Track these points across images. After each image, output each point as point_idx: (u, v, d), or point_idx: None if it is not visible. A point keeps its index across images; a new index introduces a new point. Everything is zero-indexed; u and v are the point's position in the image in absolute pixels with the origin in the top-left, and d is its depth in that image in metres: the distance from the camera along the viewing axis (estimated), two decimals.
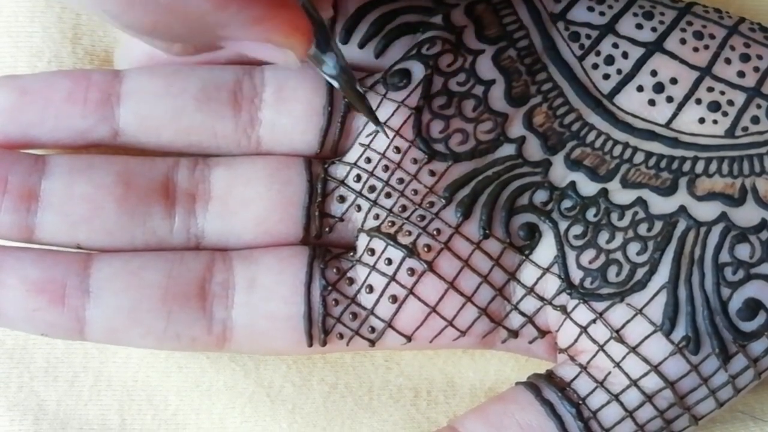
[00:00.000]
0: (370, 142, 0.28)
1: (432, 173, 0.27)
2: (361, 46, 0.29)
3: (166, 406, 0.29)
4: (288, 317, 0.27)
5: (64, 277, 0.26)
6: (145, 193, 0.27)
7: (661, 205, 0.27)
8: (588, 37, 0.29)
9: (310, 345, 0.27)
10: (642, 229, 0.27)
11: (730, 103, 0.28)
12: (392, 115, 0.28)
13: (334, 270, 0.27)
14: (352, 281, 0.27)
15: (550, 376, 0.27)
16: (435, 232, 0.27)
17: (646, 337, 0.26)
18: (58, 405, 0.29)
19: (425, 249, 0.27)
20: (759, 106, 0.28)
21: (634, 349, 0.26)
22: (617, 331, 0.26)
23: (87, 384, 0.29)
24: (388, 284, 0.27)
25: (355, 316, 0.27)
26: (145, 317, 0.26)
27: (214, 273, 0.27)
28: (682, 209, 0.27)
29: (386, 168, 0.27)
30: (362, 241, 0.27)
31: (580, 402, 0.26)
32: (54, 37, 0.30)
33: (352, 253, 0.28)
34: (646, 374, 0.26)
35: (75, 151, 0.28)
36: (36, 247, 0.27)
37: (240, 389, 0.29)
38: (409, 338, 0.27)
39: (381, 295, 0.27)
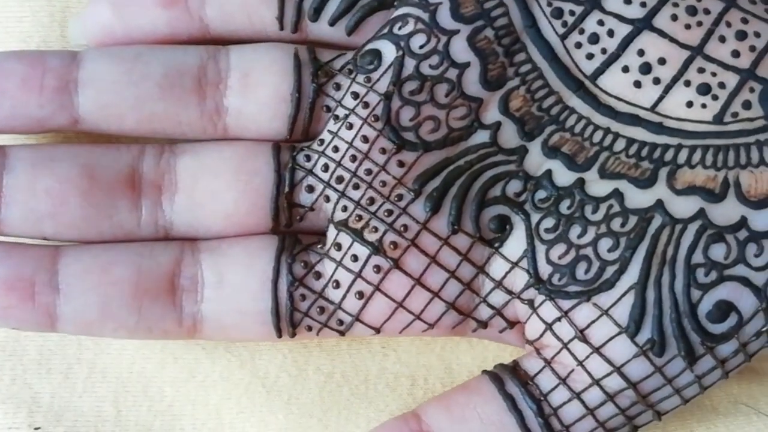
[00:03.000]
0: (338, 129, 0.27)
1: (401, 164, 0.27)
2: (332, 23, 0.28)
3: (162, 398, 0.29)
4: (256, 312, 0.27)
5: (33, 273, 0.26)
6: (111, 185, 0.27)
7: (638, 198, 0.26)
8: (572, 13, 0.27)
9: (279, 336, 0.27)
10: (615, 224, 0.26)
11: (722, 85, 0.26)
12: (360, 101, 0.27)
13: (302, 264, 0.27)
14: (319, 275, 0.27)
15: (514, 369, 0.27)
16: (402, 229, 0.27)
17: (611, 339, 0.26)
18: (53, 397, 0.29)
19: (391, 246, 0.26)
20: (752, 90, 0.26)
21: (597, 350, 0.26)
22: (582, 331, 0.26)
23: (81, 376, 0.29)
24: (354, 281, 0.27)
25: (322, 310, 0.27)
26: (117, 312, 0.27)
27: (182, 268, 0.27)
28: (659, 204, 0.26)
29: (354, 158, 0.27)
30: (331, 234, 0.27)
31: (542, 398, 0.26)
32: (43, 21, 0.29)
33: (321, 245, 0.27)
34: (608, 374, 0.26)
35: (36, 139, 0.28)
36: (2, 240, 0.27)
37: (236, 380, 0.29)
38: (377, 330, 0.27)
39: (347, 291, 0.27)
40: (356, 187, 0.27)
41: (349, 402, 0.29)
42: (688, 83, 0.26)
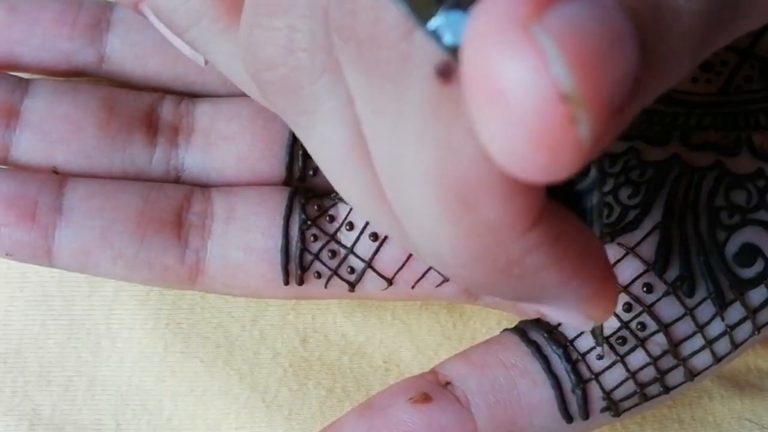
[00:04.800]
0: None
1: None
2: None
3: (161, 411, 0.28)
4: (265, 250, 0.26)
5: (37, 193, 0.25)
6: (128, 120, 0.27)
7: (654, 153, 0.26)
8: None
9: (287, 282, 0.26)
10: (634, 174, 0.26)
11: (723, 63, 0.27)
12: None
13: (315, 207, 0.26)
14: (332, 219, 0.26)
15: (537, 321, 0.26)
16: None
17: (638, 277, 0.25)
18: (53, 410, 0.27)
19: None
20: (752, 66, 0.27)
21: (625, 289, 0.25)
22: None
23: (81, 388, 0.28)
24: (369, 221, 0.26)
25: (334, 254, 0.26)
26: (117, 240, 0.25)
27: (192, 203, 0.26)
28: (675, 157, 0.26)
29: None
30: None
31: (568, 344, 0.25)
32: None
33: (334, 194, 0.27)
34: (637, 315, 0.25)
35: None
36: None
37: (235, 394, 0.28)
38: (390, 281, 0.26)
39: (362, 233, 0.26)
40: None
41: None
42: None
